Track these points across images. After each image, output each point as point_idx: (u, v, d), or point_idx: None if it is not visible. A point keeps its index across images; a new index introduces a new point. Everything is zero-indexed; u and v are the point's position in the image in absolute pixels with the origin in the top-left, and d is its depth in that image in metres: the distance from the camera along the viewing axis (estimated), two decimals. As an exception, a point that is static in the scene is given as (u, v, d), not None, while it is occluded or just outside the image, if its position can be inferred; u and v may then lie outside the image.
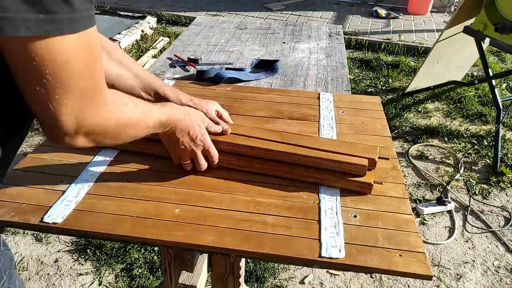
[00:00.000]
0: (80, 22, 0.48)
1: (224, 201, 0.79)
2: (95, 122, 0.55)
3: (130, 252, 1.76)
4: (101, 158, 0.89)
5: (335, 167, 0.83)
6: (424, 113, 2.99)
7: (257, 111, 1.12)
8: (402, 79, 3.48)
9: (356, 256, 0.69)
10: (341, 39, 1.72)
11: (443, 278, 1.78)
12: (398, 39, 4.22)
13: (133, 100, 0.65)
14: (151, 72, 1.36)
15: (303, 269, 1.77)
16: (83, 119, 0.53)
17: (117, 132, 0.61)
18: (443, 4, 5.26)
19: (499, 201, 2.22)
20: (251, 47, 1.61)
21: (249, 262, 1.76)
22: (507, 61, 3.96)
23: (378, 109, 1.17)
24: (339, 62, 1.49)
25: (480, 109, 3.01)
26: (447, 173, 2.40)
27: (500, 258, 1.89)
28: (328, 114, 1.11)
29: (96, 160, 0.89)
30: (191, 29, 1.78)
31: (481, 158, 2.53)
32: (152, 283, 1.65)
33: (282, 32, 1.77)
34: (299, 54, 1.55)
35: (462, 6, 2.63)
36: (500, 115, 2.53)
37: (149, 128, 0.69)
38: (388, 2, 5.41)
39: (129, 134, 0.65)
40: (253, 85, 1.30)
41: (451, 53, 2.96)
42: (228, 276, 1.10)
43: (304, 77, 1.37)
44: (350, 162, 0.82)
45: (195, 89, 1.22)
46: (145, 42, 3.90)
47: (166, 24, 4.48)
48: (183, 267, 1.11)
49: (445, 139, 2.70)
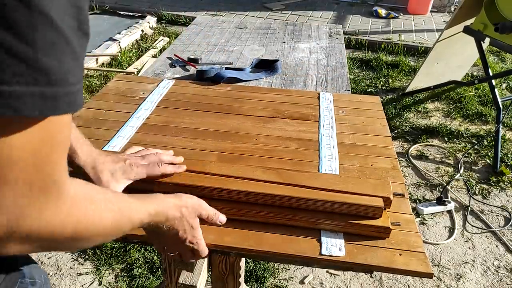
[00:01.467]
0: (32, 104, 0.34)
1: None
2: (37, 226, 0.40)
3: (130, 252, 1.76)
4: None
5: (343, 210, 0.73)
6: (424, 113, 2.99)
7: (257, 111, 1.12)
8: (402, 79, 3.48)
9: (356, 255, 0.69)
10: (341, 39, 1.72)
11: (443, 278, 1.78)
12: (398, 39, 4.22)
13: (106, 196, 0.49)
14: (151, 72, 1.36)
15: (303, 269, 1.77)
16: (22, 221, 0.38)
17: (76, 238, 0.44)
18: (443, 4, 5.26)
19: (499, 201, 2.22)
20: (251, 47, 1.61)
21: (249, 262, 1.76)
22: (507, 61, 3.96)
23: (378, 109, 1.17)
24: (339, 62, 1.49)
25: (480, 109, 3.01)
26: (447, 173, 2.40)
27: (500, 258, 1.89)
28: (328, 114, 1.11)
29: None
30: (191, 29, 1.78)
31: (481, 158, 2.53)
32: (152, 283, 1.65)
33: (282, 32, 1.77)
34: (299, 54, 1.55)
35: (462, 6, 2.63)
36: (500, 115, 2.53)
37: (124, 232, 0.53)
38: (388, 2, 5.41)
39: (95, 241, 0.48)
40: (253, 85, 1.30)
41: (451, 53, 2.96)
42: (228, 276, 1.10)
43: (304, 77, 1.37)
44: (363, 204, 0.71)
45: (195, 89, 1.22)
46: (145, 42, 3.90)
47: (166, 24, 4.48)
48: (183, 266, 1.11)
49: (445, 139, 2.70)
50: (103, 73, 3.20)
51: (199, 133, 1.01)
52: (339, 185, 0.75)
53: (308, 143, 0.99)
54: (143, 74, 1.37)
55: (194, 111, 1.10)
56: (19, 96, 0.33)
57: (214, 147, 0.96)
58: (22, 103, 0.33)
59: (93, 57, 3.28)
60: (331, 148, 0.97)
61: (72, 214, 0.42)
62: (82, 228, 0.44)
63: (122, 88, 1.21)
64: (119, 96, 1.16)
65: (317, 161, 0.92)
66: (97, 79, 3.11)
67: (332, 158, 0.94)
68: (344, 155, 0.95)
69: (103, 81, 3.08)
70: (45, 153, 0.38)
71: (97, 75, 3.17)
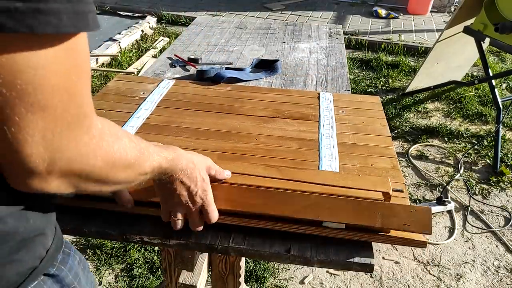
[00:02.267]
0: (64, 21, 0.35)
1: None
2: (74, 158, 0.40)
3: (130, 252, 1.76)
4: None
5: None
6: (424, 113, 2.99)
7: (257, 111, 1.12)
8: (402, 79, 3.48)
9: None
10: (341, 39, 1.72)
11: (443, 278, 1.78)
12: (398, 39, 4.22)
13: (128, 135, 0.50)
14: (151, 72, 1.36)
15: (303, 269, 1.77)
16: (59, 153, 0.38)
17: (104, 173, 0.45)
18: (443, 4, 5.26)
19: (499, 201, 2.22)
20: (251, 47, 1.61)
21: (249, 262, 1.76)
22: (507, 61, 3.96)
23: (378, 109, 1.17)
24: (339, 62, 1.49)
25: (480, 109, 3.01)
26: (447, 173, 2.40)
27: (500, 258, 1.89)
28: (328, 114, 1.11)
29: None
30: (191, 29, 1.78)
31: (481, 158, 2.53)
32: (152, 283, 1.65)
33: (282, 32, 1.77)
34: (299, 54, 1.55)
35: (462, 6, 2.63)
36: (500, 115, 2.53)
37: (145, 174, 0.54)
38: (388, 2, 5.41)
39: (119, 178, 0.48)
40: (253, 85, 1.30)
41: (451, 53, 2.96)
42: (228, 275, 1.10)
43: (304, 77, 1.37)
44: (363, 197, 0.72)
45: (195, 89, 1.22)
46: (145, 42, 3.90)
47: (166, 24, 4.48)
48: (183, 266, 1.11)
49: (445, 139, 2.70)
50: (103, 73, 3.20)
51: (199, 133, 1.01)
52: (339, 181, 0.75)
53: (308, 143, 0.99)
54: (143, 74, 1.37)
55: (194, 111, 1.10)
56: (56, 13, 0.34)
57: (215, 147, 0.96)
58: (60, 20, 0.34)
59: (93, 57, 3.28)
60: (331, 148, 0.97)
61: (101, 147, 0.43)
62: (109, 161, 0.45)
63: (122, 88, 1.21)
64: (119, 96, 1.16)
65: (317, 160, 0.92)
66: (97, 79, 3.11)
67: (332, 157, 0.94)
68: (344, 155, 0.95)
69: (103, 81, 3.08)
70: (74, 81, 0.38)
71: (97, 75, 3.17)
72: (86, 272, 0.58)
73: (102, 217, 0.75)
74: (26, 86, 0.34)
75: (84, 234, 0.74)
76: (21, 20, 0.32)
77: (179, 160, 0.61)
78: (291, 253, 0.71)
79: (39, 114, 0.36)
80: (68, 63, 0.37)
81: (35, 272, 0.47)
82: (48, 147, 0.37)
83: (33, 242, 0.47)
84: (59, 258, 0.52)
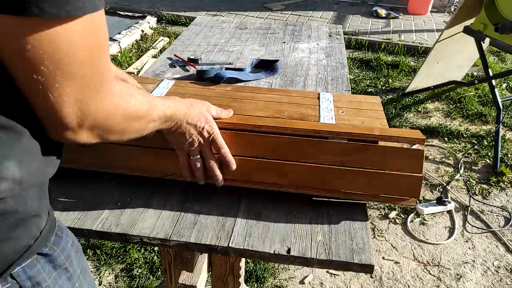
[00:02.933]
0: (87, 4, 0.43)
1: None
2: (101, 114, 0.51)
3: (130, 252, 1.76)
4: None
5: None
6: (424, 113, 2.99)
7: (257, 111, 1.12)
8: (402, 79, 3.48)
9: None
10: (341, 39, 1.72)
11: (443, 278, 1.78)
12: (398, 39, 4.22)
13: (139, 91, 0.62)
14: (151, 72, 1.36)
15: (303, 269, 1.77)
16: (88, 111, 0.49)
17: (123, 126, 0.57)
18: (443, 4, 5.26)
19: (499, 201, 2.22)
20: (251, 47, 1.61)
21: (249, 262, 1.76)
22: (507, 61, 3.96)
23: (378, 109, 1.17)
24: (339, 62, 1.49)
25: (480, 109, 3.01)
26: (447, 173, 2.40)
27: (500, 258, 1.89)
28: (328, 114, 1.11)
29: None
30: (191, 29, 1.78)
31: (481, 158, 2.53)
32: (152, 283, 1.65)
33: (282, 32, 1.77)
34: (299, 54, 1.55)
35: (462, 6, 2.63)
36: (500, 115, 2.53)
37: (154, 121, 0.65)
38: (388, 2, 5.41)
39: (135, 128, 0.61)
40: (253, 85, 1.30)
41: (451, 53, 2.96)
42: (228, 276, 1.10)
43: (304, 77, 1.37)
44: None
45: (195, 89, 1.22)
46: (145, 42, 3.90)
47: (166, 24, 4.48)
48: (183, 267, 1.11)
49: (445, 139, 2.70)
50: (103, 73, 3.20)
51: (199, 133, 1.01)
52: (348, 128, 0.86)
53: (308, 143, 0.99)
54: (143, 74, 1.37)
55: (194, 111, 1.10)
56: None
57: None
58: (84, 4, 0.42)
59: (93, 57, 3.28)
60: (331, 148, 0.97)
61: (121, 104, 0.54)
62: (127, 114, 0.56)
63: (122, 88, 1.21)
64: (119, 96, 1.16)
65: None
66: (97, 79, 3.11)
67: (332, 158, 0.94)
68: (344, 155, 0.95)
69: (103, 81, 3.08)
70: (97, 50, 0.47)
71: (97, 75, 3.17)
72: (78, 254, 0.62)
73: (101, 218, 0.75)
74: (63, 59, 0.44)
75: (84, 234, 0.74)
76: (61, 6, 0.41)
77: (180, 106, 0.72)
78: (291, 253, 0.71)
79: (73, 81, 0.45)
80: (91, 39, 0.46)
81: (30, 250, 0.52)
82: (80, 107, 0.47)
83: (29, 221, 0.52)
84: (52, 239, 0.56)
